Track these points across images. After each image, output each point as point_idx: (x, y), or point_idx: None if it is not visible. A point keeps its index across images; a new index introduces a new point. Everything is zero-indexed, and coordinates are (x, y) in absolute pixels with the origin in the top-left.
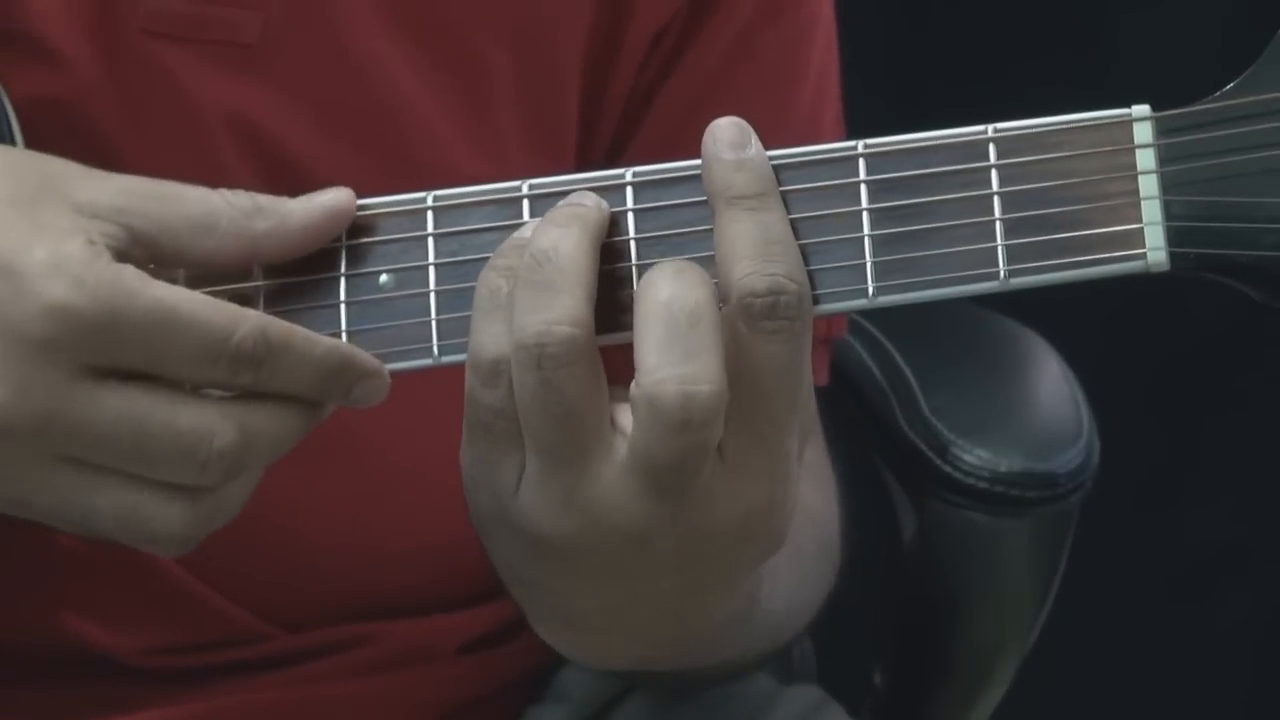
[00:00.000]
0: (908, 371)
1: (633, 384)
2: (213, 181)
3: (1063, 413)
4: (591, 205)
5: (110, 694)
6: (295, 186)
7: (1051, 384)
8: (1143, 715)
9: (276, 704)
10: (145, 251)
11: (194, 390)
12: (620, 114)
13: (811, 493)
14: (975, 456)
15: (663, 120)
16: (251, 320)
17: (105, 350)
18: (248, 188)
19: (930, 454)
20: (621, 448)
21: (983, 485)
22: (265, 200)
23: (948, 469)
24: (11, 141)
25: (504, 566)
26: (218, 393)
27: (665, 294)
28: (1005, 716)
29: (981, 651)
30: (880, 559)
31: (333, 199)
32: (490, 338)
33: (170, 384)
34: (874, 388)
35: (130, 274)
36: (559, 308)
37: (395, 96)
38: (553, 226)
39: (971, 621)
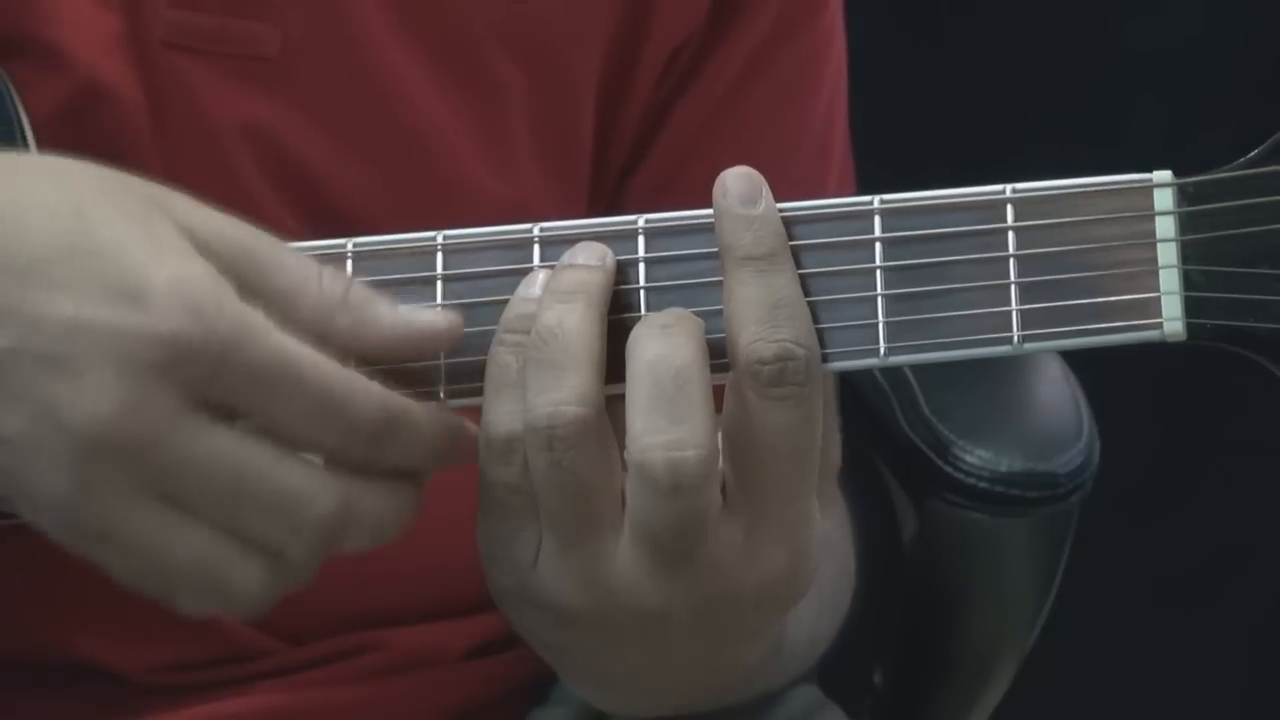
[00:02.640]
0: (908, 372)
1: (625, 451)
2: (227, 194)
3: (1063, 413)
4: (597, 265)
5: (114, 703)
6: (311, 200)
7: (1052, 384)
8: (1142, 716)
9: (281, 709)
10: None
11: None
12: (635, 130)
13: (828, 524)
14: (976, 457)
15: (677, 136)
16: (375, 394)
17: (217, 387)
18: (264, 201)
19: (931, 454)
20: (627, 522)
21: (983, 485)
22: (356, 296)
23: (948, 469)
24: (26, 148)
25: (529, 633)
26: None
27: (651, 353)
28: (1005, 716)
29: (982, 651)
30: (881, 559)
31: (428, 323)
32: (502, 415)
33: (280, 439)
34: (874, 388)
35: (255, 316)
36: (567, 388)
37: (412, 112)
38: (557, 301)
39: (972, 622)
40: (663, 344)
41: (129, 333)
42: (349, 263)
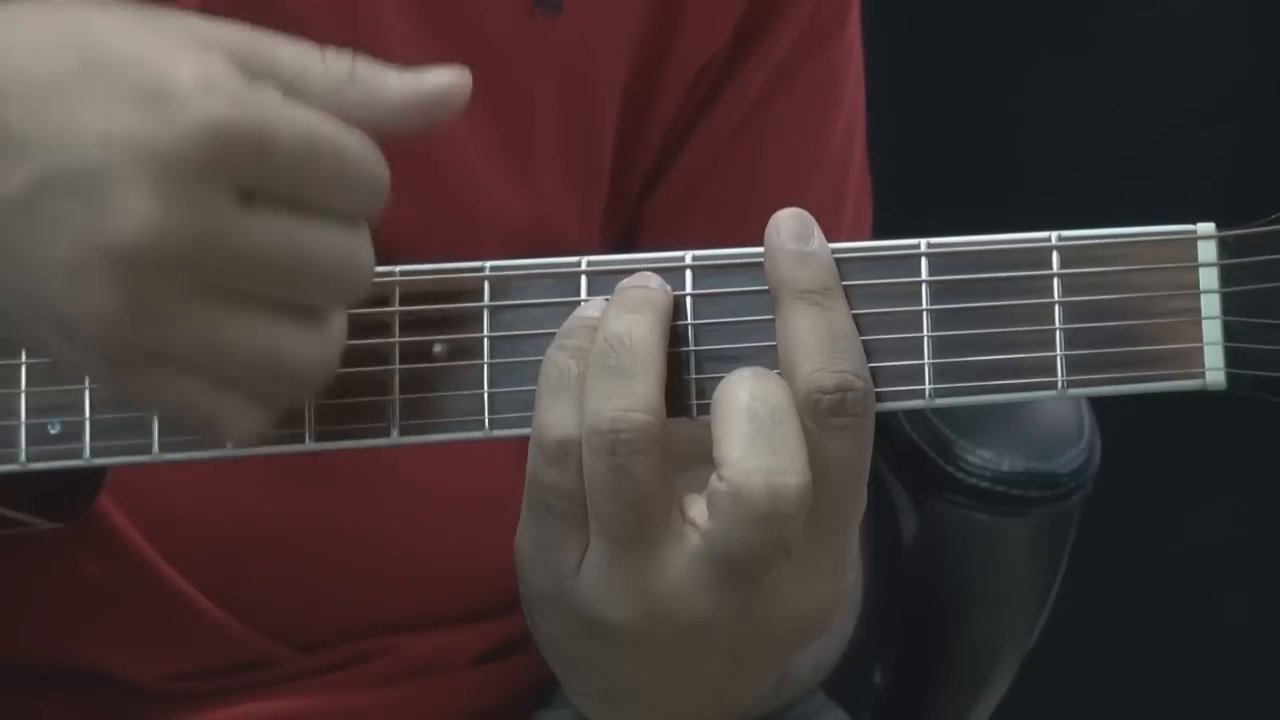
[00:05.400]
0: None
1: (713, 477)
2: None
3: (1065, 412)
4: (658, 288)
5: (128, 710)
6: None
7: None
8: (1143, 716)
9: (293, 715)
10: None
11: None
12: (658, 145)
13: None
14: (977, 456)
15: (700, 151)
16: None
17: (258, 171)
18: None
19: (932, 454)
20: (692, 537)
21: (985, 485)
22: (363, 70)
23: (949, 469)
24: None
25: (550, 642)
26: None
27: (746, 393)
28: (1005, 716)
29: (982, 651)
30: (881, 559)
31: (435, 84)
32: (557, 418)
33: (314, 210)
34: None
35: (278, 97)
36: (633, 395)
37: (435, 128)
38: (625, 312)
39: (973, 621)
40: (756, 384)
41: (163, 134)
42: (396, 292)
